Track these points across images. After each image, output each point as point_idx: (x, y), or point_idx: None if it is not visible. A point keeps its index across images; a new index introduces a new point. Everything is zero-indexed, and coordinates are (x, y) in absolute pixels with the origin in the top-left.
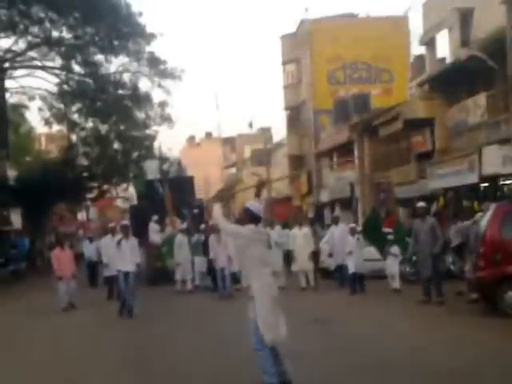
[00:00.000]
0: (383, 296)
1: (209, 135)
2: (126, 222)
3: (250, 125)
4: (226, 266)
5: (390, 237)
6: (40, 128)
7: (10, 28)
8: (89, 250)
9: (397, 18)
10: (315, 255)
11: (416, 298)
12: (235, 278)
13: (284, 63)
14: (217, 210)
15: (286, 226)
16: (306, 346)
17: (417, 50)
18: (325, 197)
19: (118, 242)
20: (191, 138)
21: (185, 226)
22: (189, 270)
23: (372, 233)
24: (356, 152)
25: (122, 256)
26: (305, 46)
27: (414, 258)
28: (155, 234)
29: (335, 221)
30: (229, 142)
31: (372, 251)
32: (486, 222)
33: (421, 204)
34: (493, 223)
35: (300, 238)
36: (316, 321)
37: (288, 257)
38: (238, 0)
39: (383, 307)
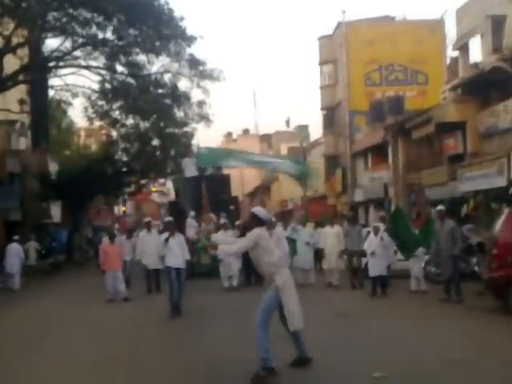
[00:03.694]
0: (404, 295)
1: (246, 132)
2: (171, 218)
3: (287, 123)
4: None
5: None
6: (79, 122)
7: (57, 29)
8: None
9: (433, 22)
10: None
11: (437, 298)
12: None
13: (321, 64)
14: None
15: (319, 224)
16: (325, 336)
17: (453, 52)
18: (359, 196)
19: (166, 240)
20: (228, 135)
21: (224, 221)
22: (234, 265)
23: (397, 228)
24: (390, 153)
25: (171, 253)
26: (341, 48)
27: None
28: (192, 230)
29: (382, 220)
30: (266, 139)
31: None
32: (500, 225)
33: (440, 207)
34: (506, 227)
35: (331, 237)
36: (336, 315)
37: (319, 255)
38: (278, 2)
39: (402, 305)
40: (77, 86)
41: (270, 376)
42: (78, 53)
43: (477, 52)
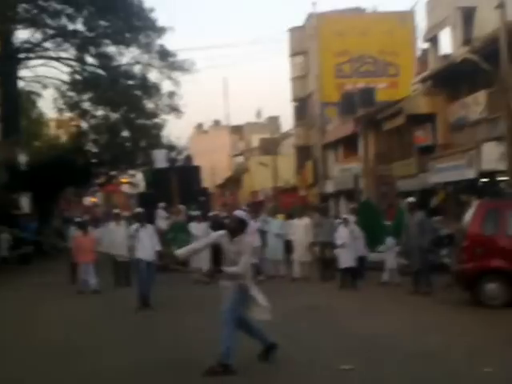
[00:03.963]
0: (374, 287)
1: (217, 123)
2: (140, 209)
3: (258, 114)
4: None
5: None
6: (49, 113)
7: (28, 21)
8: None
9: (403, 13)
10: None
11: (406, 290)
12: (258, 269)
13: (292, 55)
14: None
15: (290, 216)
16: (293, 328)
17: (423, 44)
18: (330, 188)
19: (136, 231)
20: (199, 126)
21: (198, 212)
22: (204, 258)
23: (365, 221)
24: (361, 145)
25: (141, 245)
26: (312, 40)
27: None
28: (162, 221)
29: (353, 212)
30: (237, 131)
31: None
32: (470, 218)
33: (411, 199)
34: (475, 219)
35: (300, 228)
36: (305, 308)
37: (289, 246)
38: None
39: (371, 297)
40: (47, 78)
41: (227, 372)
42: (48, 44)
43: (447, 44)
